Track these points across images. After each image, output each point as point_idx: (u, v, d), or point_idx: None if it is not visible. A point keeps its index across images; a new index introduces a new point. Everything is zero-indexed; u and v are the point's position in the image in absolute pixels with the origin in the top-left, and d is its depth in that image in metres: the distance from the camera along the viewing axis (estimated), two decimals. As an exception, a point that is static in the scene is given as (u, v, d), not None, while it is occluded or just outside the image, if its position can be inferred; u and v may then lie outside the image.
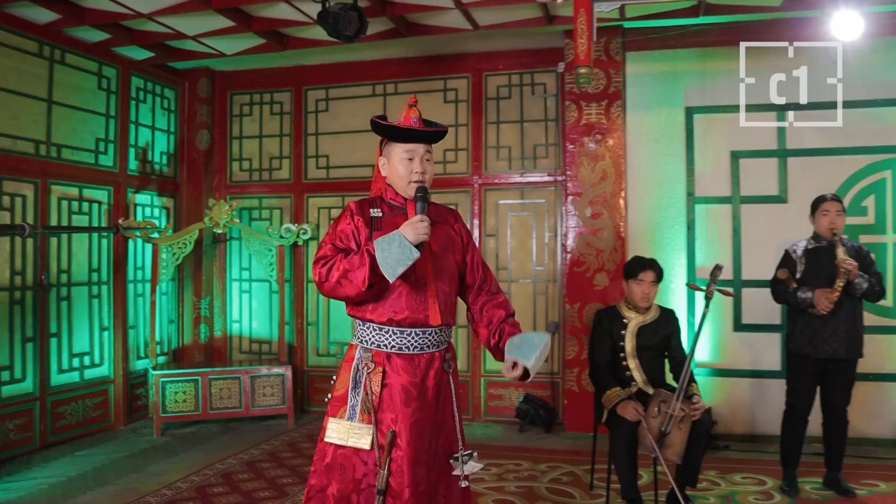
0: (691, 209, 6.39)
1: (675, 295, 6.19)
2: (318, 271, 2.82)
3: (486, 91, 7.12)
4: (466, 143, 7.14)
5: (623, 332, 4.57)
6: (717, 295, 4.58)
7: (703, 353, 6.30)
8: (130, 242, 6.90)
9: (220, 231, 7.30)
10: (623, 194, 6.38)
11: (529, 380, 2.82)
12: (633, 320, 4.59)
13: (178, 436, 6.48)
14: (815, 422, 5.04)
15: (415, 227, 2.73)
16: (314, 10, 5.48)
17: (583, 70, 4.45)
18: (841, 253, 4.67)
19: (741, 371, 6.27)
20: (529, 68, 7.01)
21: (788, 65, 6.18)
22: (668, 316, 4.69)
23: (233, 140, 7.83)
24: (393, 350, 2.86)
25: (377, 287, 2.77)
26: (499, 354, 2.94)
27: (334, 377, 2.96)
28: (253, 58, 7.12)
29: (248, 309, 7.71)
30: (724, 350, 6.31)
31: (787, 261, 4.98)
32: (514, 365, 2.78)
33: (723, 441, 6.06)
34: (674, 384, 4.41)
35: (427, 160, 2.94)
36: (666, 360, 4.70)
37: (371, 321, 2.87)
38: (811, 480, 5.04)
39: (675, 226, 6.40)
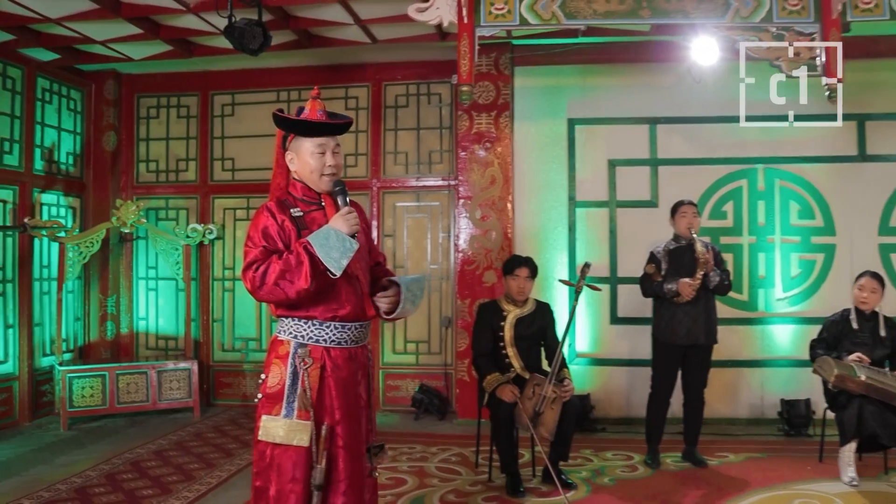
0: (572, 212, 6.95)
1: (557, 291, 6.71)
2: (251, 276, 2.75)
3: (385, 99, 7.53)
4: (366, 149, 7.53)
5: (502, 323, 5.07)
6: (592, 292, 5.15)
7: (582, 344, 6.88)
8: (36, 241, 7.01)
9: (127, 231, 7.47)
10: (510, 198, 6.90)
11: (398, 313, 2.96)
12: (512, 313, 5.10)
13: (86, 430, 6.64)
14: (678, 404, 5.65)
15: (346, 220, 2.78)
16: (221, 21, 5.73)
17: (465, 88, 4.94)
18: (699, 247, 5.31)
19: (617, 360, 6.85)
20: (426, 79, 7.46)
21: (657, 80, 6.85)
22: (543, 309, 5.22)
23: (140, 142, 7.99)
24: (332, 344, 2.85)
25: (317, 284, 2.73)
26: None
27: (263, 375, 2.90)
28: (160, 62, 7.31)
29: (155, 306, 7.90)
30: (601, 341, 6.90)
31: (652, 259, 5.58)
32: (389, 287, 2.96)
33: (600, 424, 6.63)
34: (549, 370, 4.92)
35: (336, 152, 2.94)
36: (542, 349, 5.24)
37: (313, 318, 2.84)
38: (672, 455, 5.65)
39: (558, 227, 6.95)
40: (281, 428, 2.77)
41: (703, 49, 5.60)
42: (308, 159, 2.91)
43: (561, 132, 6.98)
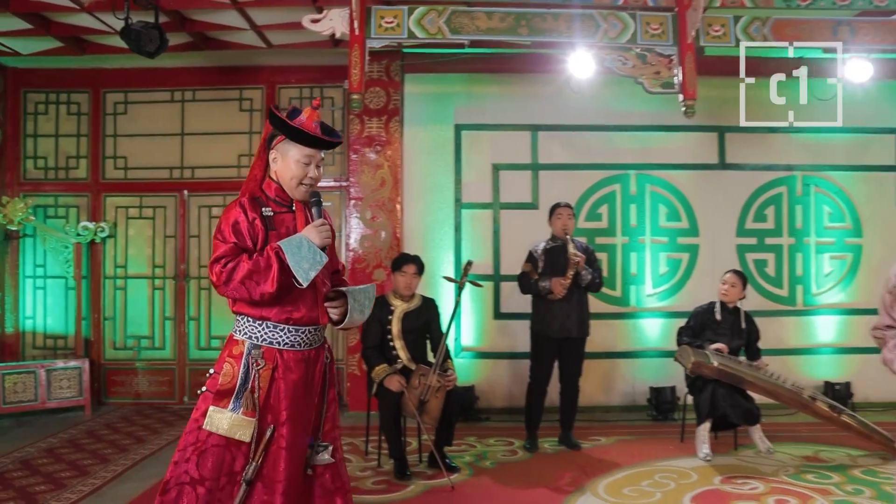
0: (458, 214, 7.31)
1: (444, 288, 7.01)
2: (219, 271, 2.79)
3: (279, 102, 7.65)
4: (260, 150, 7.66)
5: (390, 317, 5.38)
6: (476, 288, 5.49)
7: (467, 338, 7.26)
8: (-84, 239, 6.87)
9: (14, 228, 7.37)
10: (399, 199, 7.21)
11: (347, 322, 2.97)
12: (399, 307, 5.41)
13: (-31, 431, 6.53)
14: (556, 392, 6.06)
15: (319, 232, 2.84)
16: (116, 21, 5.77)
17: (355, 97, 5.25)
18: (571, 248, 5.75)
19: (500, 353, 7.24)
20: (319, 83, 7.66)
21: (538, 90, 7.27)
22: (429, 304, 5.55)
23: (27, 137, 7.85)
24: (286, 347, 2.90)
25: (281, 288, 2.80)
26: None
27: (212, 370, 2.94)
28: (49, 58, 7.26)
29: (43, 305, 7.79)
30: (485, 335, 7.30)
31: (530, 258, 5.99)
32: (336, 299, 2.97)
33: (484, 414, 7.02)
34: (434, 361, 5.24)
35: (319, 165, 2.97)
36: (428, 341, 5.57)
37: (267, 319, 2.89)
38: (549, 440, 6.07)
39: (445, 228, 7.31)
40: (226, 421, 2.82)
41: (580, 63, 6.04)
42: (292, 166, 2.93)
43: (448, 137, 7.33)
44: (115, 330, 7.77)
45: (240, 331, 2.94)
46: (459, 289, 5.41)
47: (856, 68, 5.88)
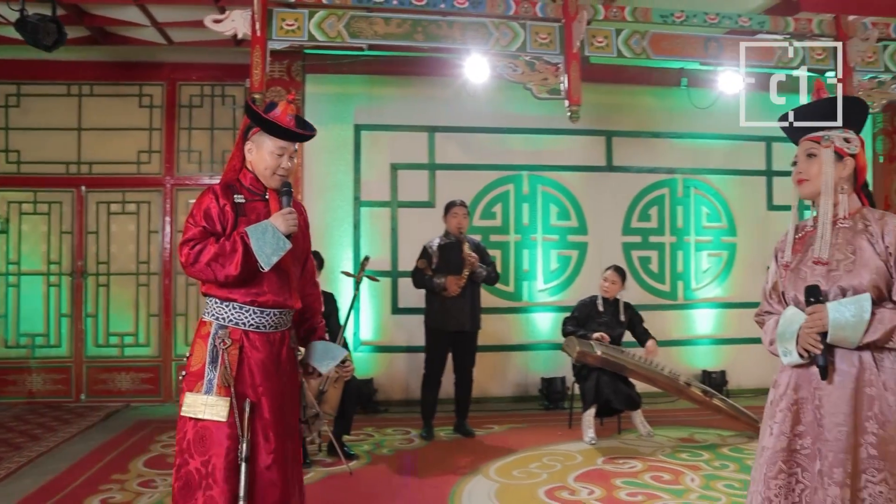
0: (358, 211, 7.51)
1: (343, 283, 7.16)
2: (187, 253, 2.90)
3: (179, 99, 7.69)
4: (160, 146, 7.64)
5: (289, 311, 5.54)
6: (375, 285, 5.68)
7: (366, 332, 7.46)
8: None
9: None
10: (300, 198, 7.30)
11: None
12: (298, 302, 5.57)
13: None
14: (451, 384, 6.35)
15: (285, 219, 2.95)
16: (8, 11, 5.69)
17: (256, 96, 5.38)
18: (466, 248, 6.05)
19: (398, 347, 7.47)
20: (220, 81, 7.71)
21: (436, 93, 7.51)
22: (327, 298, 5.70)
23: (-88, 131, 7.64)
24: (250, 328, 2.97)
25: (245, 272, 2.90)
26: (300, 340, 3.29)
27: (188, 353, 3.03)
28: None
29: (-72, 302, 7.60)
30: (384, 330, 7.51)
31: (424, 254, 6.24)
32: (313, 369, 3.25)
33: (382, 406, 7.24)
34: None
35: (292, 157, 3.07)
36: (326, 334, 5.74)
37: (233, 300, 2.97)
38: (445, 428, 6.35)
39: (344, 225, 7.48)
40: (201, 404, 2.90)
41: (474, 69, 6.32)
42: (266, 157, 3.02)
43: (348, 137, 7.51)
44: (6, 328, 7.59)
45: (208, 312, 3.04)
46: (357, 283, 5.61)
47: (728, 80, 6.33)
